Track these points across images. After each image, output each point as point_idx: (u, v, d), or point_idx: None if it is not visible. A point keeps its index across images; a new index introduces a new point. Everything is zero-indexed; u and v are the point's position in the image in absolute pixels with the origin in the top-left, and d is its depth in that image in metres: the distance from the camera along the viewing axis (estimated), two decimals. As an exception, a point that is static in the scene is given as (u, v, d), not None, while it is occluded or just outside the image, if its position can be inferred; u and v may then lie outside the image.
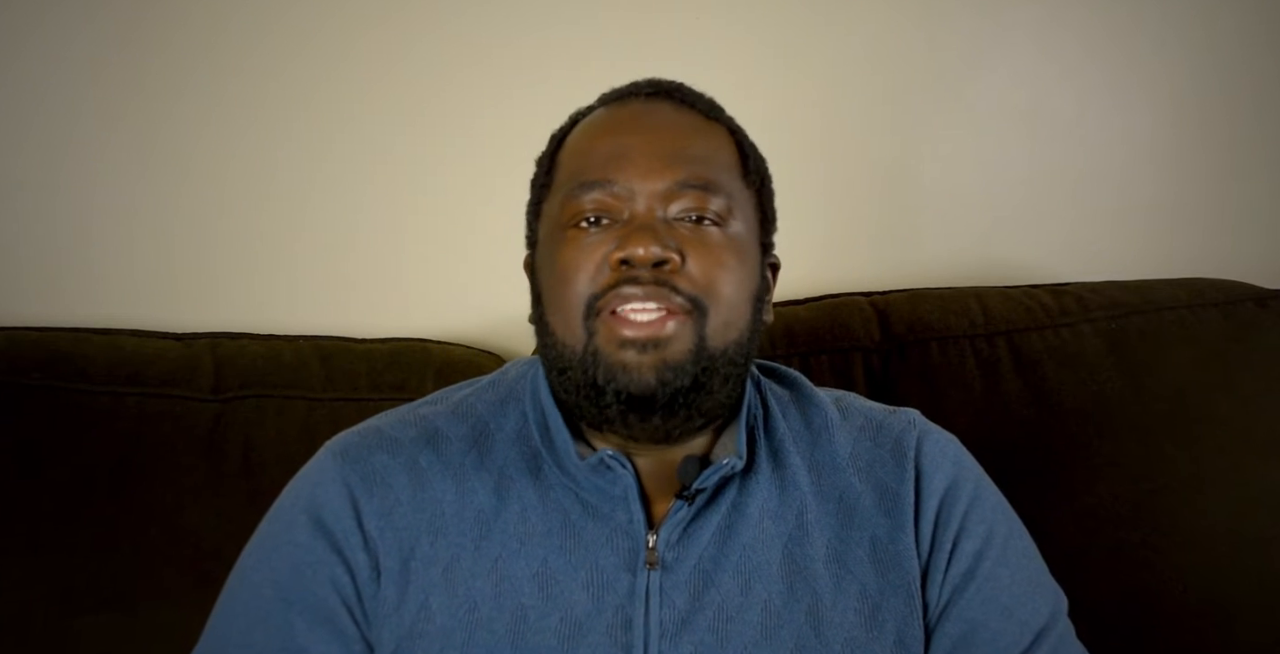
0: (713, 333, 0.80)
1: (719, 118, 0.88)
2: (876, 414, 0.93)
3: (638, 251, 0.78)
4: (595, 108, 0.90)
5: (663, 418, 0.80)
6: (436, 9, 1.33)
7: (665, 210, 0.82)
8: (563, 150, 0.88)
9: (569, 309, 0.81)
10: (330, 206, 1.34)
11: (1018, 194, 1.44)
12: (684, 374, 0.79)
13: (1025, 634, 0.86)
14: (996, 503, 0.91)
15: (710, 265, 0.81)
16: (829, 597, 0.84)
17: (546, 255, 0.85)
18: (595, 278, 0.80)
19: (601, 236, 0.81)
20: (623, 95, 0.88)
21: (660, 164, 0.82)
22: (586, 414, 0.82)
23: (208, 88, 1.31)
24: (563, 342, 0.81)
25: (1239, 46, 1.44)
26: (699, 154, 0.84)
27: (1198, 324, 1.27)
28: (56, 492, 1.10)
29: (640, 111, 0.86)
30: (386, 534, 0.83)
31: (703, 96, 0.89)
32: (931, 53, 1.41)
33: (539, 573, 0.82)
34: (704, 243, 0.81)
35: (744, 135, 0.90)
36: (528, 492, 0.85)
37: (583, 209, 0.82)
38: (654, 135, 0.84)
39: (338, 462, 0.86)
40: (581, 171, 0.83)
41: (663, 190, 0.81)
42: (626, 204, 0.81)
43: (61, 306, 1.28)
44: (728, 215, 0.83)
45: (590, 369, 0.79)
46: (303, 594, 0.82)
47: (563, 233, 0.83)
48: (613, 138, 0.84)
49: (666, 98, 0.87)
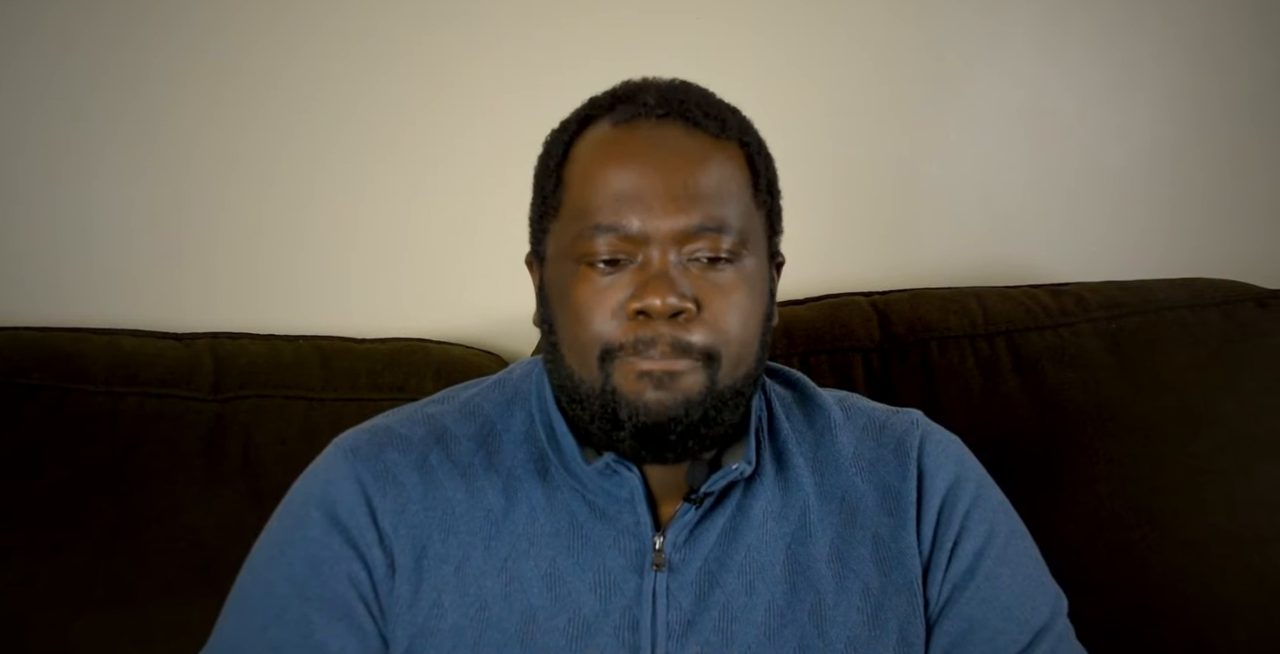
0: (723, 376, 0.81)
1: (729, 134, 0.85)
2: (879, 414, 0.93)
3: (654, 303, 0.78)
4: (600, 116, 0.86)
5: (673, 449, 0.81)
6: (436, 10, 1.33)
7: (679, 252, 0.81)
8: (569, 167, 0.85)
9: (584, 351, 0.81)
10: (330, 206, 1.34)
11: (1018, 194, 1.44)
12: (694, 411, 0.80)
13: (1024, 633, 0.87)
14: (999, 503, 0.91)
15: (724, 309, 0.81)
16: (832, 596, 0.85)
17: (558, 285, 0.84)
18: (611, 324, 0.80)
19: (616, 280, 0.81)
20: (629, 115, 0.85)
21: (674, 206, 0.81)
22: (596, 435, 0.83)
23: (208, 88, 1.31)
24: (579, 377, 0.82)
25: (1238, 46, 1.44)
26: (712, 189, 0.82)
27: (1198, 324, 1.26)
28: (57, 492, 1.10)
29: (649, 136, 0.84)
30: (400, 531, 0.84)
31: (711, 111, 0.85)
32: (931, 53, 1.41)
33: (547, 573, 0.83)
34: (718, 286, 0.81)
35: (754, 145, 0.87)
36: (535, 493, 0.85)
37: (597, 251, 0.81)
38: (664, 171, 0.82)
39: (349, 459, 0.86)
40: (593, 210, 0.82)
41: (676, 234, 0.81)
42: (641, 248, 0.81)
43: (61, 307, 1.28)
44: (741, 250, 0.83)
45: (609, 405, 0.80)
46: (319, 589, 0.83)
47: (575, 267, 0.82)
48: (625, 173, 0.82)
49: (678, 118, 0.84)
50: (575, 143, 0.86)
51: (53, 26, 1.28)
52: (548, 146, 0.89)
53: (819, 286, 1.33)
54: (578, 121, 0.87)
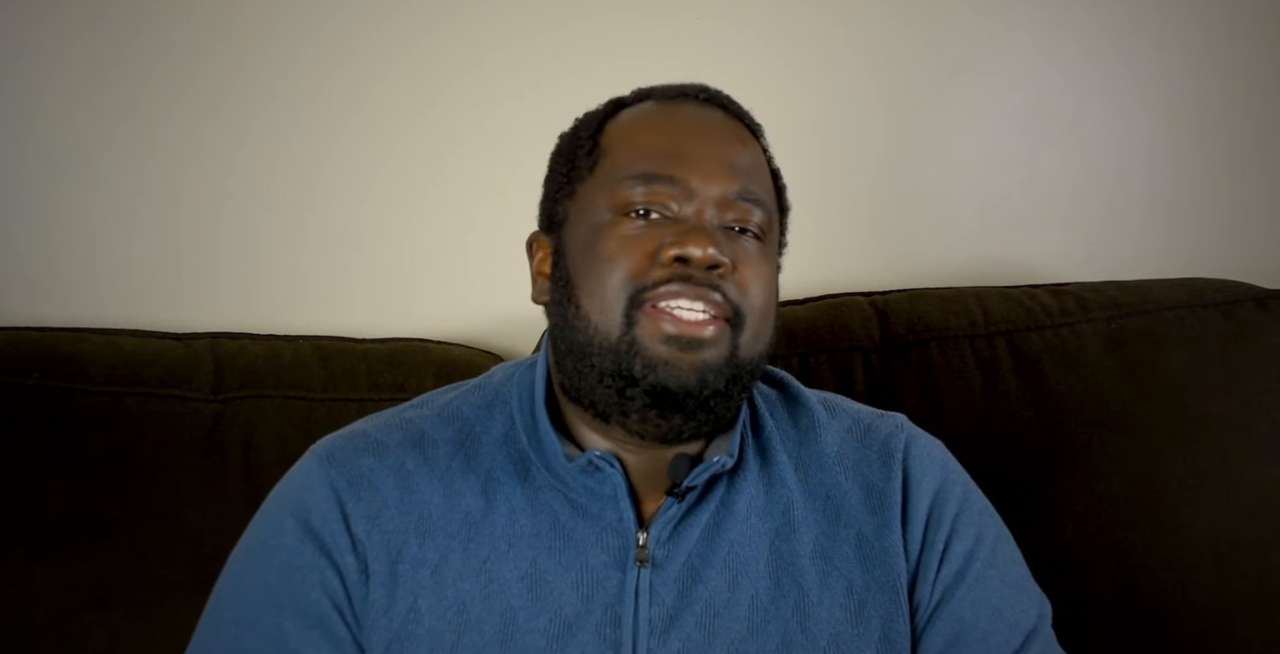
0: (745, 344, 0.81)
1: (758, 135, 0.90)
2: (864, 416, 0.93)
3: (696, 253, 0.79)
4: (638, 101, 0.89)
5: (684, 417, 0.81)
6: (438, 12, 1.33)
7: (719, 217, 0.83)
8: (606, 135, 0.87)
9: (610, 295, 0.80)
10: (331, 207, 1.34)
11: (1017, 194, 1.44)
12: (719, 378, 0.80)
13: (1015, 635, 0.87)
14: (984, 507, 0.92)
15: (752, 277, 0.82)
16: (815, 592, 0.85)
17: (584, 236, 0.84)
18: (645, 270, 0.80)
19: (651, 231, 0.81)
20: (675, 95, 0.88)
21: (721, 171, 0.83)
22: (601, 403, 0.82)
23: (208, 88, 1.31)
24: (596, 326, 0.81)
25: (1238, 47, 1.44)
26: (751, 167, 0.85)
27: (1197, 324, 1.26)
28: (57, 492, 1.09)
29: (697, 114, 0.87)
30: (374, 537, 0.83)
31: (747, 113, 0.90)
32: (931, 53, 1.41)
33: (528, 574, 0.83)
34: (749, 254, 0.83)
35: (773, 159, 0.91)
36: (515, 494, 0.85)
37: (636, 200, 0.82)
38: (713, 139, 0.85)
39: (324, 465, 0.86)
40: (638, 162, 0.83)
41: (720, 197, 0.82)
42: (682, 203, 0.82)
43: (61, 306, 1.28)
44: (767, 231, 0.85)
45: (625, 359, 0.79)
46: (293, 598, 0.82)
47: (609, 217, 0.82)
48: (672, 135, 0.84)
49: (720, 107, 0.88)
50: (612, 119, 0.88)
51: (53, 26, 1.28)
52: (573, 128, 0.90)
53: (819, 287, 1.33)
54: (609, 106, 0.89)
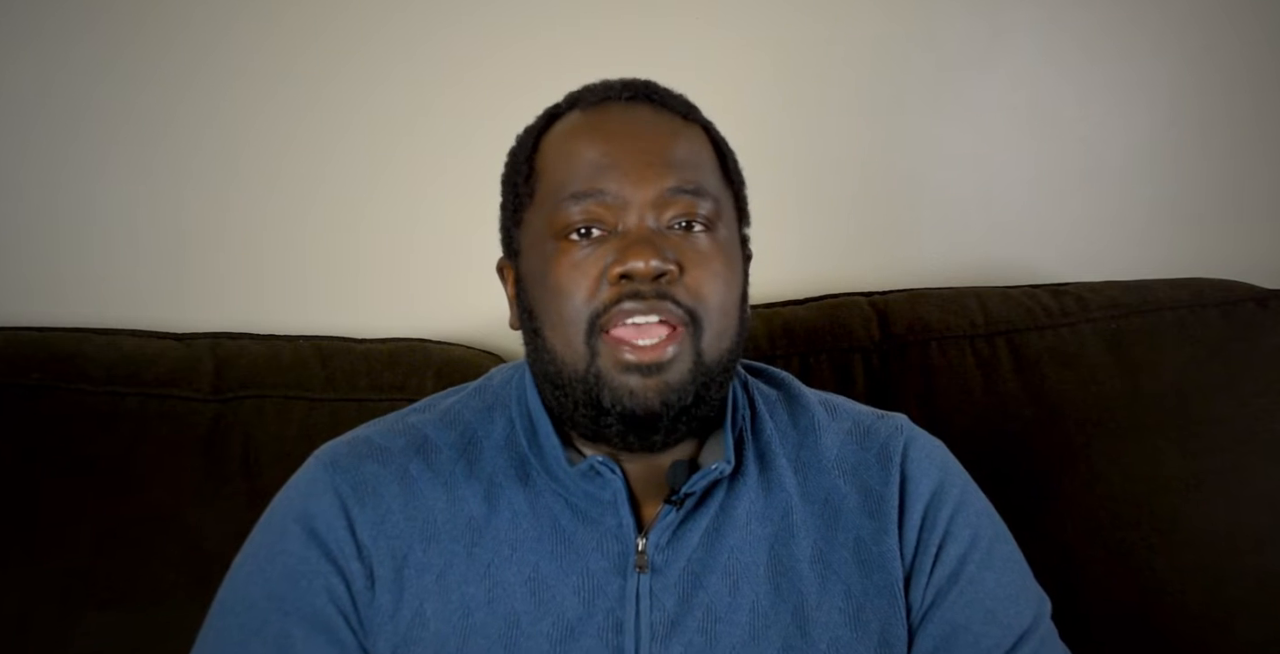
0: (708, 347, 0.81)
1: (695, 117, 0.88)
2: (865, 418, 0.93)
3: (638, 265, 0.78)
4: (568, 109, 0.88)
5: (663, 433, 0.81)
6: (438, 13, 1.33)
7: (658, 218, 0.81)
8: (541, 155, 0.86)
9: (569, 327, 0.80)
10: (331, 207, 1.34)
11: (1018, 194, 1.44)
12: (686, 394, 0.80)
13: (1008, 636, 0.87)
14: (982, 508, 0.91)
15: (704, 275, 0.81)
16: (814, 597, 0.85)
17: (536, 268, 0.84)
18: (595, 294, 0.79)
19: (595, 250, 0.80)
20: (598, 99, 0.87)
21: (650, 171, 0.81)
22: (582, 428, 0.83)
23: (208, 89, 1.31)
24: (562, 359, 0.81)
25: (1239, 46, 1.44)
26: (685, 158, 0.83)
27: (1198, 324, 1.26)
28: (57, 492, 1.10)
29: (621, 116, 0.85)
30: (380, 543, 0.83)
31: (677, 96, 0.88)
32: (931, 53, 1.41)
33: (530, 578, 0.83)
34: (697, 251, 0.81)
35: (718, 133, 0.89)
36: (517, 498, 0.85)
37: (573, 221, 0.81)
38: (639, 141, 0.83)
39: (328, 472, 0.86)
40: (569, 182, 0.82)
41: (654, 198, 0.81)
42: (618, 214, 0.81)
43: (61, 306, 1.28)
44: (716, 219, 0.83)
45: (593, 390, 0.80)
46: (299, 604, 0.82)
47: (554, 244, 0.82)
48: (597, 145, 0.83)
49: (645, 100, 0.86)
50: (544, 135, 0.87)
51: (53, 26, 1.28)
52: (514, 148, 0.90)
53: (819, 287, 1.33)
54: (543, 119, 0.89)
